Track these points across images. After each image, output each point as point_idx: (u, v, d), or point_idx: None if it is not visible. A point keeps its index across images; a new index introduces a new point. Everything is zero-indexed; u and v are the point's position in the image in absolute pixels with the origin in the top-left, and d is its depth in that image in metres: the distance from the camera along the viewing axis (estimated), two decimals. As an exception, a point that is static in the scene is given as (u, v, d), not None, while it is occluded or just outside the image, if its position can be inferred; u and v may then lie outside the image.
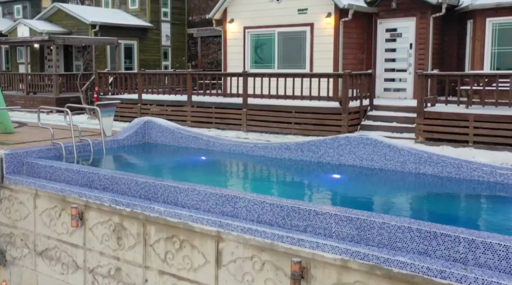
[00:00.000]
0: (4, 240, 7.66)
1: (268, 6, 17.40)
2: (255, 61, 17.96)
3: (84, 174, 6.89)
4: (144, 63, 28.78)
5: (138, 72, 18.10)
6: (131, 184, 6.33)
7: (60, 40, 22.20)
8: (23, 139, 9.22)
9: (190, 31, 27.84)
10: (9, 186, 7.47)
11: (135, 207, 5.90)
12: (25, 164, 7.72)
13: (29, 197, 7.22)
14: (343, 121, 13.33)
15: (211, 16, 19.20)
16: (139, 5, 29.99)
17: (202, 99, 16.15)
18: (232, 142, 8.84)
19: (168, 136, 9.67)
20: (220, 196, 5.48)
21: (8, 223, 7.57)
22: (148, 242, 5.82)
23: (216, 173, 8.04)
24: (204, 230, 5.27)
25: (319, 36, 16.42)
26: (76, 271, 6.67)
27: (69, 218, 6.67)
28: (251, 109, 14.75)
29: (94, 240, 6.41)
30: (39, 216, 7.12)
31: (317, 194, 6.61)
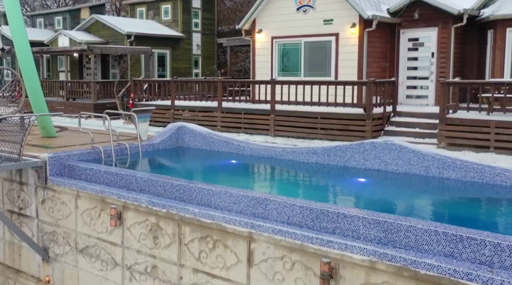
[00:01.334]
0: (48, 237, 7.78)
1: (295, 17, 17.45)
2: (282, 69, 17.99)
3: (122, 176, 6.96)
4: (176, 71, 29.01)
5: (171, 79, 18.24)
6: (167, 186, 6.38)
7: (98, 49, 22.51)
8: (65, 143, 9.35)
9: (219, 41, 28.02)
10: (52, 187, 7.58)
11: (170, 208, 5.94)
12: (67, 166, 7.83)
13: (71, 198, 7.32)
14: (367, 127, 13.25)
15: (241, 26, 19.30)
16: (171, 16, 30.26)
17: (232, 106, 16.20)
18: (261, 146, 8.85)
19: (200, 140, 9.72)
20: (251, 199, 5.49)
21: (51, 221, 7.68)
22: (183, 241, 5.85)
23: (247, 176, 8.05)
24: (237, 230, 5.28)
25: (344, 46, 16.39)
26: (115, 268, 6.74)
27: (108, 217, 6.75)
28: (279, 115, 14.76)
29: (131, 239, 6.47)
30: (80, 216, 7.21)
31: (345, 197, 6.57)
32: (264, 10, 18.36)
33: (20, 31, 9.99)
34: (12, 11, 9.99)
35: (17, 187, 8.28)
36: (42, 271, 7.93)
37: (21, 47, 9.98)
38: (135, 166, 8.49)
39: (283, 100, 14.82)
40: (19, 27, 9.99)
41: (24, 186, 8.14)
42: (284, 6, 17.66)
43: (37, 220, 7.96)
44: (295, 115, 14.53)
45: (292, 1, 17.47)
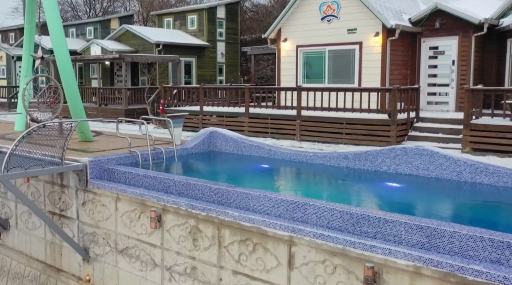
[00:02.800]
0: (88, 238, 7.72)
1: (319, 27, 17.32)
2: (307, 77, 17.85)
3: (161, 180, 6.87)
4: (201, 78, 29.04)
5: (200, 86, 18.18)
6: (205, 190, 6.28)
7: (129, 57, 22.58)
8: (102, 147, 9.32)
9: (244, 49, 27.96)
10: (93, 190, 7.53)
11: (210, 211, 5.83)
12: (106, 170, 7.78)
13: (111, 200, 7.25)
14: (392, 132, 13.03)
15: (266, 35, 19.21)
16: (197, 26, 30.30)
17: (258, 111, 16.09)
18: (292, 151, 8.71)
19: (231, 145, 9.62)
20: (290, 203, 5.36)
21: (92, 223, 7.63)
22: (222, 244, 5.74)
23: (280, 180, 7.91)
24: (277, 234, 5.15)
25: (367, 54, 16.21)
26: (154, 269, 6.65)
27: (148, 220, 6.67)
28: (305, 120, 14.60)
29: (171, 241, 6.38)
30: (120, 218, 7.14)
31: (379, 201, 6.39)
32: (289, 20, 18.26)
33: (60, 40, 10.01)
34: (53, 21, 10.02)
35: (58, 190, 8.25)
36: (83, 270, 7.88)
37: (61, 55, 10.00)
38: (171, 169, 8.40)
39: (309, 106, 14.65)
40: (59, 37, 10.01)
41: (65, 188, 8.10)
42: (308, 16, 17.54)
43: (77, 221, 7.92)
44: (320, 121, 14.35)
45: (317, 11, 17.34)
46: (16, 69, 35.09)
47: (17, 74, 35.20)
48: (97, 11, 57.47)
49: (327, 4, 17.14)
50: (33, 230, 8.92)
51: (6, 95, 33.28)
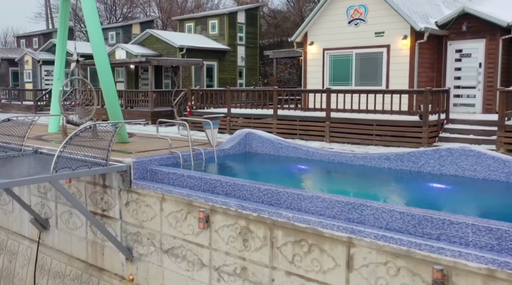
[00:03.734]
0: (131, 238, 7.62)
1: (346, 30, 17.17)
2: (333, 79, 17.69)
3: (206, 181, 6.75)
4: (222, 82, 29.01)
5: (227, 89, 18.08)
6: (254, 190, 6.14)
7: (155, 61, 22.55)
8: (140, 148, 9.23)
9: (266, 53, 27.86)
10: (137, 190, 7.43)
11: (262, 212, 5.69)
12: (149, 170, 7.68)
13: (156, 201, 7.14)
14: (424, 134, 12.82)
15: (293, 39, 19.09)
16: (218, 30, 30.27)
17: (286, 113, 15.95)
18: (331, 152, 8.55)
19: (268, 146, 9.48)
20: (346, 204, 5.20)
21: (135, 223, 7.53)
22: (275, 244, 5.60)
23: (324, 181, 7.73)
24: (334, 235, 5.00)
25: (395, 57, 16.02)
26: (202, 269, 6.52)
27: (195, 220, 6.55)
28: (334, 122, 14.43)
29: (219, 241, 6.24)
30: (165, 218, 7.02)
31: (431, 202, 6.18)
32: (315, 23, 18.13)
33: (99, 44, 9.95)
34: (92, 26, 9.96)
35: (100, 190, 8.17)
36: (126, 269, 7.78)
37: (100, 59, 9.95)
38: (212, 170, 8.28)
39: (339, 108, 14.47)
40: (99, 41, 9.96)
41: (107, 189, 8.01)
42: (335, 19, 17.40)
43: (120, 221, 7.82)
44: (350, 122, 14.17)
45: (344, 15, 17.19)
46: (41, 73, 35.30)
47: (42, 77, 35.42)
48: (118, 17, 57.74)
49: (354, 8, 16.99)
50: (73, 230, 8.84)
51: (32, 98, 33.49)
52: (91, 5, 9.93)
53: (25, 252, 10.08)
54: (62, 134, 11.59)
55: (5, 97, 36.53)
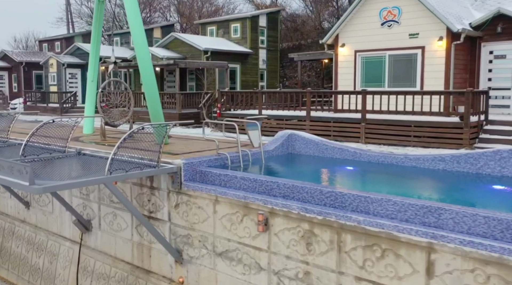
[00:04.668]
0: (181, 240, 7.38)
1: (379, 32, 16.87)
2: (365, 81, 17.38)
3: (262, 183, 6.50)
4: (245, 84, 28.84)
5: (258, 91, 17.85)
6: (315, 193, 5.87)
7: (183, 64, 22.39)
8: (182, 150, 9.01)
9: (290, 55, 27.58)
10: (187, 192, 7.19)
11: (328, 215, 5.41)
12: (198, 172, 7.44)
13: (208, 203, 6.89)
14: (465, 135, 12.47)
15: (324, 41, 18.81)
16: (240, 34, 30.10)
17: (320, 115, 15.67)
18: (380, 154, 8.25)
19: (312, 147, 9.21)
20: (420, 207, 4.91)
21: (186, 225, 7.29)
22: (343, 249, 5.31)
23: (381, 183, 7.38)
24: (412, 240, 4.70)
25: (430, 58, 15.69)
26: (259, 273, 6.25)
27: (252, 223, 6.29)
28: (369, 123, 14.12)
29: (279, 245, 5.98)
30: (219, 220, 6.77)
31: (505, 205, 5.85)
32: (347, 25, 17.84)
33: (142, 46, 9.76)
34: (135, 27, 9.78)
35: (147, 192, 7.94)
36: (175, 272, 7.54)
37: (143, 61, 9.77)
38: (261, 171, 8.02)
39: (375, 110, 14.17)
40: (142, 42, 9.77)
41: (155, 190, 7.78)
42: (368, 21, 17.11)
43: (169, 223, 7.58)
44: (387, 124, 13.85)
45: (377, 17, 16.89)
46: (66, 75, 35.35)
47: (67, 80, 35.46)
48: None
49: (388, 9, 16.68)
50: (118, 231, 8.63)
51: (57, 100, 33.53)
52: (134, 7, 9.75)
53: (67, 253, 9.89)
54: (101, 136, 11.43)
55: (30, 99, 36.63)
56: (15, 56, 45.28)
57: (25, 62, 44.41)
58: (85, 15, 62.24)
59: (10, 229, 11.79)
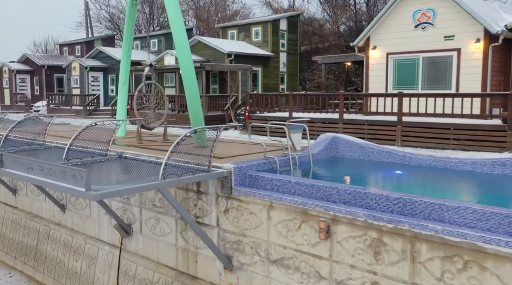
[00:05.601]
0: (231, 246, 7.06)
1: (412, 34, 16.48)
2: (397, 83, 16.98)
3: (319, 188, 6.16)
4: (266, 87, 28.53)
5: (289, 93, 17.51)
6: (381, 199, 5.52)
7: (209, 67, 22.13)
8: (225, 153, 8.69)
9: (314, 58, 27.17)
10: (238, 197, 6.87)
11: (400, 223, 5.05)
12: (248, 176, 7.12)
13: (262, 208, 6.56)
14: (509, 138, 12.03)
15: (355, 43, 18.45)
16: (262, 37, 29.82)
17: (353, 117, 15.29)
18: (431, 158, 7.87)
19: (357, 151, 8.86)
20: (505, 216, 4.53)
21: (236, 231, 6.96)
22: (417, 259, 4.95)
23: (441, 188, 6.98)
24: (501, 252, 4.33)
25: (466, 60, 15.27)
26: (319, 281, 5.91)
27: (311, 230, 5.95)
28: (406, 126, 13.71)
29: (343, 253, 5.63)
30: (273, 227, 6.44)
31: None
32: (379, 28, 17.46)
33: (184, 49, 9.48)
34: (177, 31, 9.51)
35: (194, 196, 7.63)
36: (224, 279, 7.21)
37: (185, 64, 9.49)
38: (309, 175, 7.68)
39: (412, 112, 13.76)
40: (184, 45, 9.50)
41: (202, 195, 7.47)
42: (401, 24, 16.73)
43: (217, 228, 7.27)
44: (424, 126, 13.44)
45: (410, 19, 16.50)
46: (88, 78, 35.27)
47: (89, 83, 35.39)
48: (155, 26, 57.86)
49: (422, 11, 16.26)
50: (161, 236, 8.33)
51: (80, 103, 33.45)
52: (175, 10, 9.47)
53: (106, 257, 9.61)
54: (137, 138, 11.18)
55: (52, 102, 36.61)
56: (37, 59, 45.39)
57: (47, 66, 44.49)
58: (104, 19, 62.37)
59: (45, 232, 11.56)
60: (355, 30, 38.52)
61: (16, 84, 45.19)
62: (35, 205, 12.00)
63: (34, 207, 12.03)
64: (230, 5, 54.16)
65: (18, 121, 10.53)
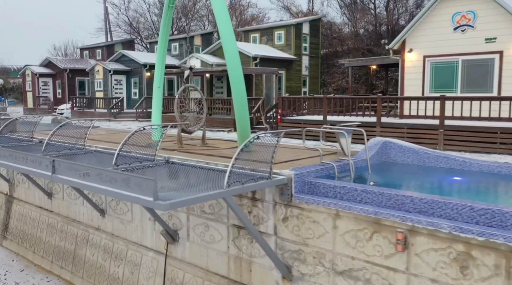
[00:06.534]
0: (290, 255, 6.68)
1: (451, 37, 16.02)
2: (434, 86, 16.52)
3: (390, 196, 5.76)
4: (289, 90, 28.19)
5: (324, 96, 17.12)
6: (463, 209, 5.11)
7: (237, 70, 21.76)
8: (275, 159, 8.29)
9: (341, 61, 26.76)
10: (299, 205, 6.49)
11: (493, 236, 4.64)
12: (307, 183, 6.74)
13: (326, 217, 6.18)
14: (561, 141, 11.60)
15: (391, 46, 18.02)
16: (284, 41, 29.49)
17: (392, 121, 14.85)
18: (495, 163, 7.43)
19: (411, 156, 8.44)
20: None
21: (296, 240, 6.59)
22: (513, 275, 4.54)
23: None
24: None
25: (509, 63, 14.76)
26: (395, 296, 5.50)
27: (384, 241, 5.56)
28: (448, 129, 13.25)
29: (422, 266, 5.23)
30: (340, 236, 6.05)
31: None
32: (415, 31, 17.01)
33: (233, 55, 9.12)
34: (226, 34, 9.16)
35: (248, 203, 7.27)
36: (282, 289, 6.83)
37: (233, 67, 9.13)
38: (368, 182, 7.28)
39: (455, 116, 13.30)
40: (232, 49, 9.14)
41: (258, 202, 7.10)
42: (439, 26, 16.28)
43: (274, 237, 6.90)
44: (468, 130, 12.97)
45: (449, 22, 16.04)
46: (112, 82, 35.14)
47: (112, 86, 35.25)
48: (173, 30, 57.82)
49: (462, 14, 15.80)
50: (211, 243, 7.98)
51: (104, 106, 33.32)
52: (224, 13, 9.13)
53: (150, 263, 9.29)
54: (178, 142, 10.88)
55: (76, 105, 36.55)
56: (60, 63, 45.47)
57: (69, 69, 44.55)
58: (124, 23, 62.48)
59: (83, 236, 11.27)
60: (375, 34, 38.07)
61: (39, 87, 45.29)
62: (72, 209, 11.73)
63: (71, 211, 11.75)
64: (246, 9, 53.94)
65: (60, 125, 10.28)
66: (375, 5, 38.23)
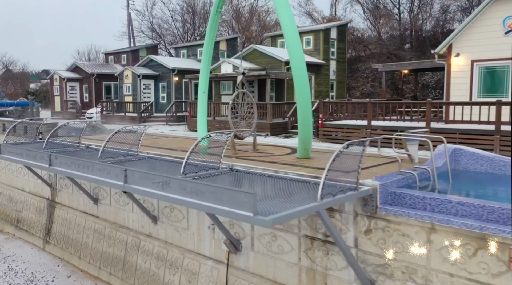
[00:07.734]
0: (374, 270, 6.23)
1: (501, 41, 15.47)
2: (483, 91, 15.95)
3: (494, 210, 5.29)
4: (317, 94, 27.74)
5: (368, 101, 16.64)
6: None
7: (273, 75, 21.45)
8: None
9: (374, 66, 26.25)
10: (386, 217, 6.04)
11: None
12: (390, 193, 6.28)
13: (419, 230, 5.72)
14: None
15: (437, 51, 17.51)
16: (313, 46, 29.06)
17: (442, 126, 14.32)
18: None
19: (484, 164, 7.95)
20: None
21: (381, 253, 6.13)
22: None
23: None
24: None
25: None
26: (504, 317, 5.01)
27: (490, 258, 5.09)
28: (504, 135, 12.71)
29: (540, 287, 4.73)
30: (436, 252, 5.58)
31: None
32: (462, 35, 16.48)
33: (298, 57, 8.74)
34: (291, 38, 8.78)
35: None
36: (365, 305, 6.37)
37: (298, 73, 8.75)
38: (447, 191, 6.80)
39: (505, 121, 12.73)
40: (298, 54, 8.76)
41: (335, 213, 6.66)
42: (488, 31, 15.74)
43: (355, 249, 6.44)
44: (529, 136, 12.47)
45: (499, 26, 15.48)
46: (141, 86, 34.98)
47: (141, 91, 35.08)
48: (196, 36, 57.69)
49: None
50: (279, 254, 7.55)
51: (133, 110, 33.14)
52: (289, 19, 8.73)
53: (209, 273, 8.89)
54: (232, 149, 10.51)
55: (106, 109, 36.44)
56: (87, 68, 45.51)
57: (96, 74, 44.58)
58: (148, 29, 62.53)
59: (134, 243, 10.91)
60: (399, 39, 37.51)
61: (66, 91, 45.37)
62: (120, 215, 11.38)
63: (119, 217, 11.40)
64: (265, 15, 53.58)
65: (115, 132, 9.97)
66: (400, 11, 37.69)
